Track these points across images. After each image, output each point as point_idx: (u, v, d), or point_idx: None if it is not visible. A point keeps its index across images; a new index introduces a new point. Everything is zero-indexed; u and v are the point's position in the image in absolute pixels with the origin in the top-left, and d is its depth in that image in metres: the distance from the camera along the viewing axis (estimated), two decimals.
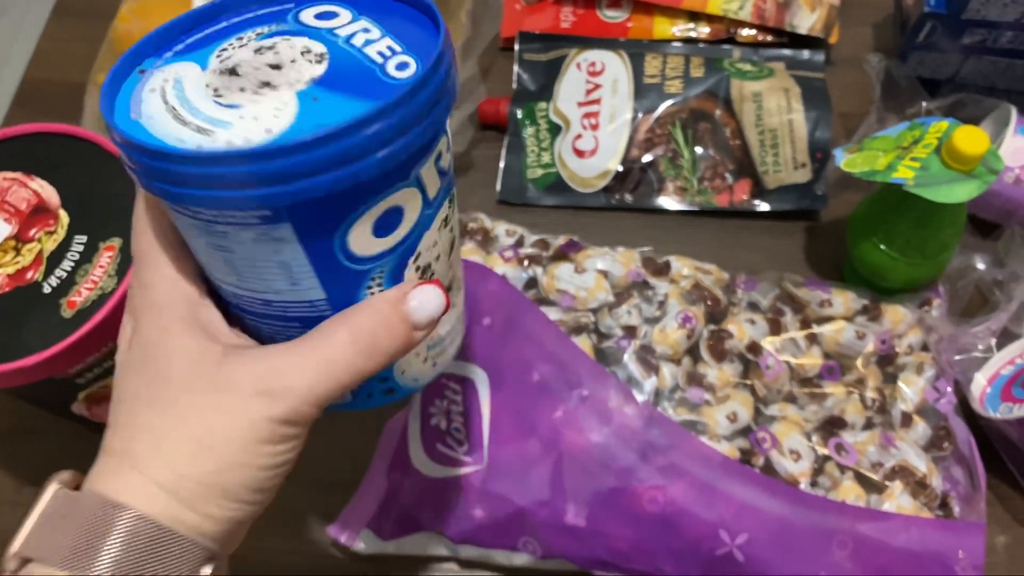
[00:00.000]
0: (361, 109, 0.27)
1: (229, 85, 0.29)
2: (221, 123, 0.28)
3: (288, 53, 0.30)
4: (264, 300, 0.31)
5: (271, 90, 0.29)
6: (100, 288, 0.43)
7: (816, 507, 0.46)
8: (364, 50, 0.30)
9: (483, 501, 0.47)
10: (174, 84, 0.29)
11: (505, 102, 0.66)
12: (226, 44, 0.31)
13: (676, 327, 0.49)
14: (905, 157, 0.49)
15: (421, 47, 0.30)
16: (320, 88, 0.29)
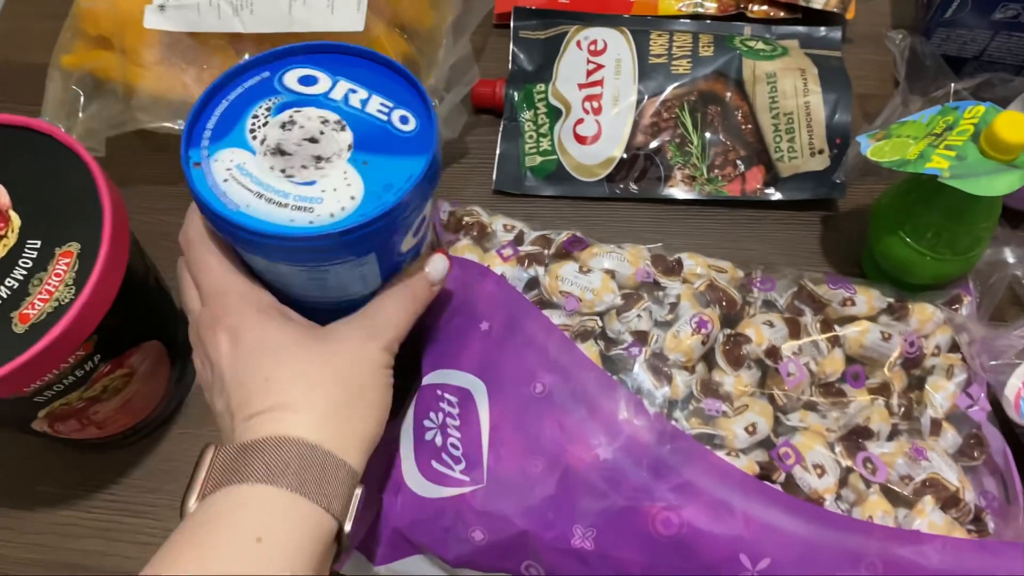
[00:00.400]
0: (405, 164, 0.38)
1: (291, 164, 0.37)
2: (313, 199, 0.37)
3: (313, 126, 0.38)
4: (337, 300, 0.42)
5: (326, 163, 0.38)
6: (56, 299, 0.39)
7: (843, 527, 0.42)
8: (366, 110, 0.39)
9: (483, 522, 0.44)
10: (241, 171, 0.37)
11: (500, 84, 0.61)
12: (249, 125, 0.38)
13: (690, 332, 0.46)
14: (939, 145, 0.45)
15: (403, 98, 0.40)
16: (360, 153, 0.38)
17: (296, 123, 0.39)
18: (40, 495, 0.51)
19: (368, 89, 0.40)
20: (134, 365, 0.45)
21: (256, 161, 0.37)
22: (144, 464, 0.52)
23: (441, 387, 0.47)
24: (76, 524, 0.50)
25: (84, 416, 0.45)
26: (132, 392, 0.46)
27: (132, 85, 0.57)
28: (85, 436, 0.47)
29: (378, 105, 0.39)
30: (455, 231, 0.53)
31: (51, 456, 0.52)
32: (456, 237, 0.52)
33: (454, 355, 0.47)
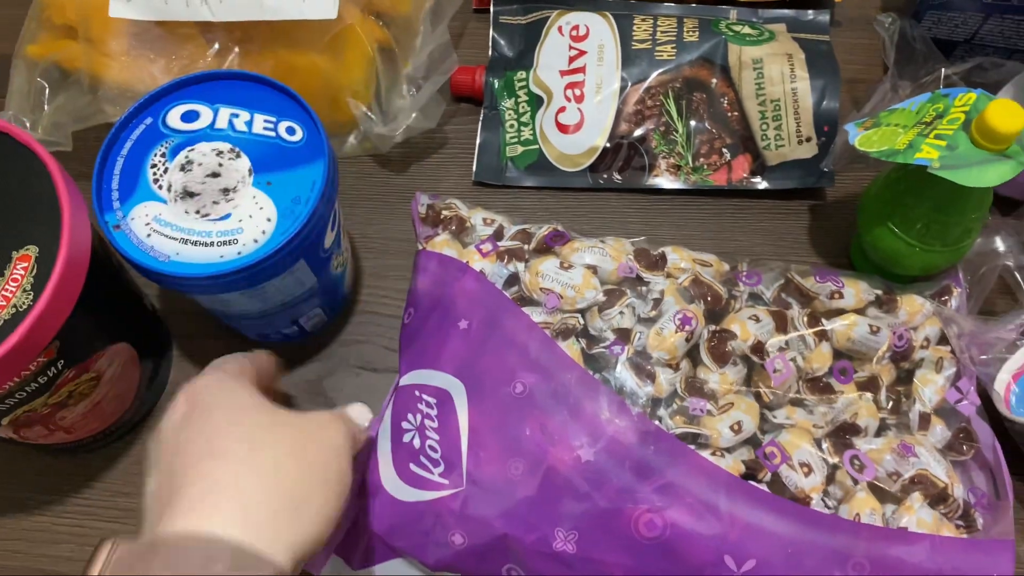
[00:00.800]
0: (304, 173, 0.42)
1: (202, 203, 0.40)
2: (234, 231, 0.40)
3: (211, 160, 0.42)
4: (281, 304, 0.46)
5: (234, 193, 0.41)
6: (13, 306, 0.37)
7: (829, 528, 0.42)
8: (253, 131, 0.43)
9: (463, 526, 0.43)
10: (160, 223, 0.40)
11: (480, 71, 0.60)
12: (151, 175, 0.41)
13: (674, 330, 0.44)
14: (928, 134, 0.44)
15: (284, 110, 0.43)
16: (261, 174, 0.41)
17: (194, 162, 0.42)
18: (11, 500, 0.50)
19: (248, 110, 0.43)
20: (101, 369, 0.44)
21: (170, 209, 0.41)
22: (116, 468, 0.50)
23: (419, 388, 0.46)
24: (48, 529, 0.49)
25: (51, 422, 0.44)
26: (100, 396, 0.45)
27: (99, 76, 0.55)
28: (54, 441, 0.46)
29: (263, 123, 0.43)
30: (433, 225, 0.51)
31: (21, 461, 0.51)
32: (434, 231, 0.51)
33: (432, 355, 0.46)
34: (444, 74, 0.55)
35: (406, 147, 0.59)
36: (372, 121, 0.55)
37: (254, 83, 0.44)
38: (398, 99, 0.56)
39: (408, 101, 0.55)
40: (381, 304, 0.55)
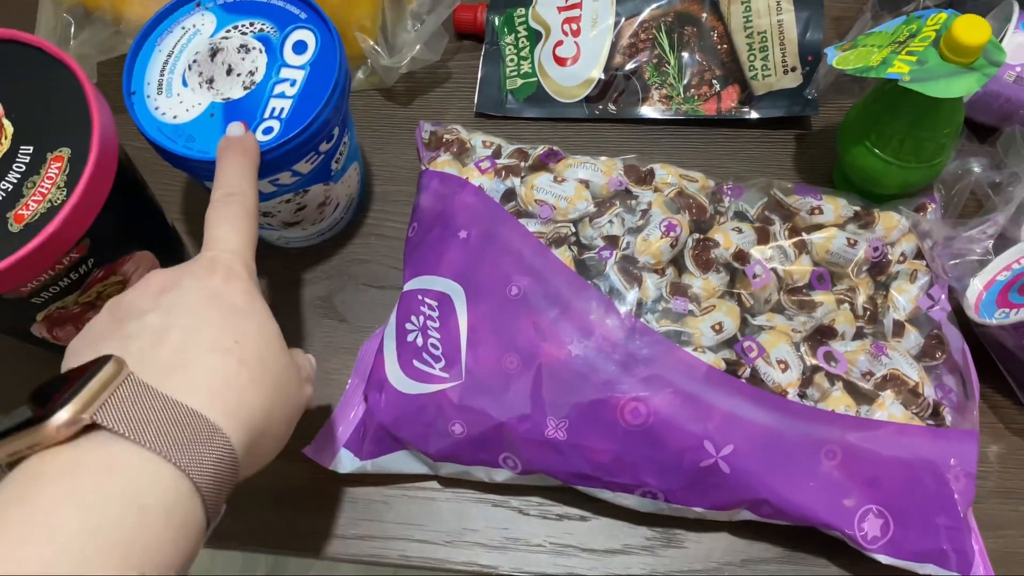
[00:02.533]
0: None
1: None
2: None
3: (235, 57, 0.47)
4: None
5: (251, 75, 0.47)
6: (49, 200, 0.40)
7: (804, 417, 0.45)
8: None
9: (462, 416, 0.46)
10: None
11: (482, 9, 0.63)
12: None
13: (659, 236, 0.47)
14: (901, 52, 0.47)
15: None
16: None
17: (220, 51, 0.47)
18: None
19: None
20: (127, 273, 0.47)
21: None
22: None
23: (422, 292, 0.49)
24: None
25: (80, 322, 0.47)
26: None
27: (120, 12, 0.58)
28: None
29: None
30: (436, 149, 0.54)
31: (55, 369, 0.54)
32: (437, 154, 0.54)
33: (433, 262, 0.49)
34: (447, 8, 0.58)
35: (411, 81, 0.62)
36: (378, 54, 0.58)
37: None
38: (403, 33, 0.58)
39: (412, 35, 0.58)
40: (386, 227, 0.58)
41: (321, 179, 0.49)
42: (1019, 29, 0.53)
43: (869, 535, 0.44)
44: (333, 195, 0.52)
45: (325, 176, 0.49)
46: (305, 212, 0.51)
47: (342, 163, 0.50)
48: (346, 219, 0.57)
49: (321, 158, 0.47)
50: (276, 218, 0.51)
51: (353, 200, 0.56)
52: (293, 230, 0.53)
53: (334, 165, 0.49)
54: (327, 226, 0.55)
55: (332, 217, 0.54)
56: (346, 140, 0.50)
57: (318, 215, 0.53)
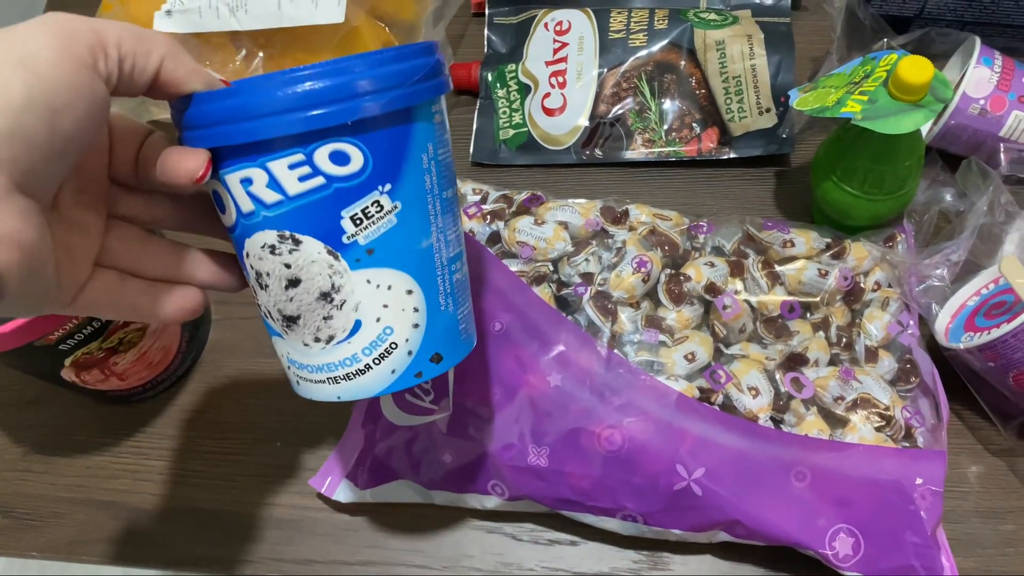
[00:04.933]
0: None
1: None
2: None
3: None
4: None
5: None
6: None
7: (773, 440, 0.47)
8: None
9: (451, 446, 0.49)
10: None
11: (475, 66, 0.67)
12: None
13: (631, 272, 0.50)
14: (855, 92, 0.49)
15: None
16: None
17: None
18: (76, 443, 0.58)
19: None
20: None
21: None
22: (164, 414, 0.58)
23: None
24: (107, 467, 0.57)
25: (106, 366, 0.52)
26: (147, 346, 0.53)
27: None
28: (110, 387, 0.54)
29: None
30: None
31: (84, 410, 0.59)
32: None
33: None
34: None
35: None
36: None
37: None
38: None
39: None
40: None
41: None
42: (980, 64, 0.55)
43: (840, 554, 0.45)
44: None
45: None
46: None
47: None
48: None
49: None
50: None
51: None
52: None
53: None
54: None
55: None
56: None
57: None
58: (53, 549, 0.54)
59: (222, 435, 0.57)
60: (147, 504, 0.55)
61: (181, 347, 0.57)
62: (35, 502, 0.56)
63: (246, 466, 0.56)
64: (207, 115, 0.31)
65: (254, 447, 0.56)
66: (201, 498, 0.55)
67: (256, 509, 0.54)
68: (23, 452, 0.58)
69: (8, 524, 0.55)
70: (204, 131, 0.31)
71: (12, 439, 0.59)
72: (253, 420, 0.57)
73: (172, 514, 0.55)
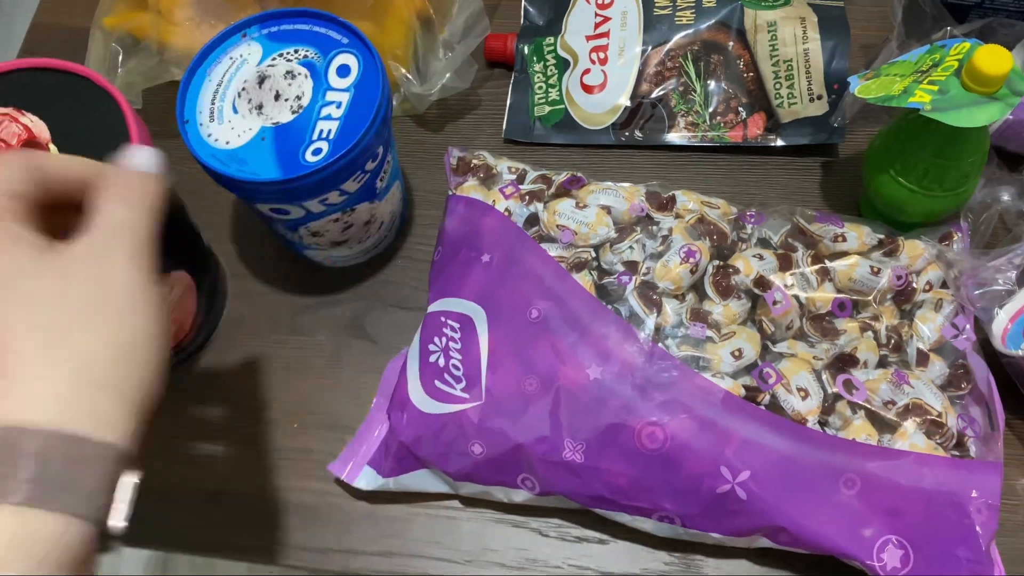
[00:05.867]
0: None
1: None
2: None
3: (282, 83, 0.49)
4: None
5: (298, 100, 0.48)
6: None
7: (822, 444, 0.45)
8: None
9: (482, 437, 0.47)
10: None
11: (511, 38, 0.64)
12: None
13: (679, 262, 0.48)
14: (923, 81, 0.47)
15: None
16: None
17: (268, 78, 0.48)
18: None
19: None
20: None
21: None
22: (175, 391, 0.54)
23: (444, 314, 0.50)
24: None
25: None
26: None
27: (165, 42, 0.61)
28: None
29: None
30: (463, 174, 0.56)
31: None
32: (464, 179, 0.55)
33: (457, 285, 0.50)
34: (477, 37, 0.59)
35: (442, 108, 0.63)
36: (410, 82, 0.59)
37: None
38: (434, 61, 0.60)
39: (443, 63, 0.60)
40: (415, 250, 0.59)
41: (367, 198, 0.51)
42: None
43: (888, 566, 0.43)
44: (378, 213, 0.53)
45: (371, 195, 0.51)
46: (352, 231, 0.53)
47: (386, 181, 0.52)
48: (390, 237, 0.58)
49: (367, 177, 0.48)
50: (324, 238, 0.52)
51: (396, 218, 0.58)
52: (340, 249, 0.55)
53: (379, 184, 0.51)
54: (372, 244, 0.56)
55: (377, 236, 0.56)
56: (389, 159, 0.51)
57: (364, 233, 0.54)
58: None
59: (235, 414, 0.55)
60: (154, 483, 0.53)
61: (197, 319, 0.54)
62: None
63: (260, 447, 0.53)
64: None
65: (269, 428, 0.54)
66: (211, 479, 0.53)
67: (270, 493, 0.52)
68: None
69: None
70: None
71: None
72: (268, 399, 0.55)
73: (180, 495, 0.52)
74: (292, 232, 0.52)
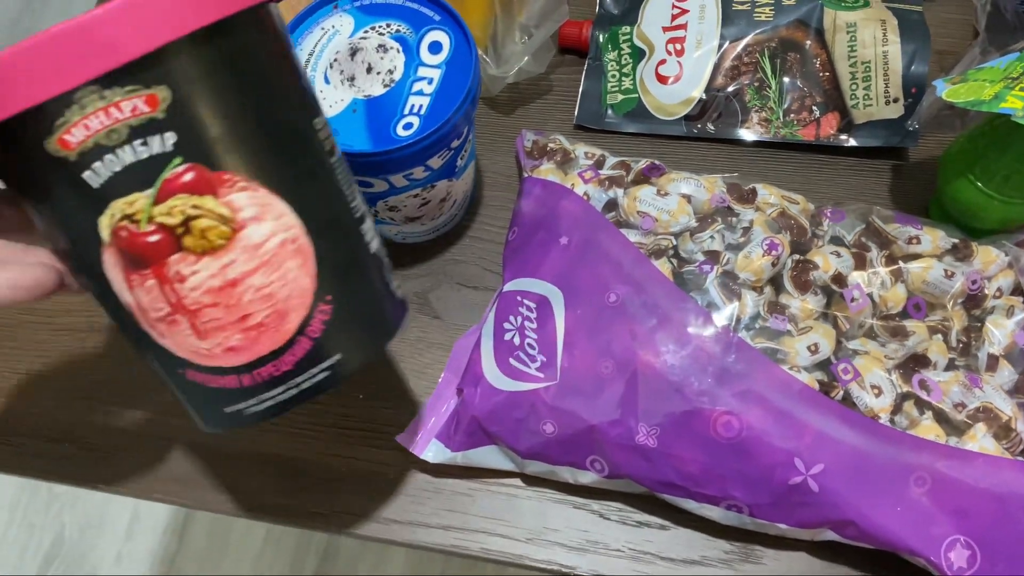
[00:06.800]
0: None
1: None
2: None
3: (373, 56, 0.49)
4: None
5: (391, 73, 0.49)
6: None
7: (895, 441, 0.45)
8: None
9: (554, 416, 0.47)
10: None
11: (587, 25, 0.64)
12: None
13: (761, 254, 0.48)
14: (1014, 87, 0.47)
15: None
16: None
17: (360, 50, 0.49)
18: (148, 377, 0.56)
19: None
20: (236, 208, 0.46)
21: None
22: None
23: (521, 293, 0.50)
24: (179, 406, 0.55)
25: (162, 265, 0.47)
26: None
27: None
28: None
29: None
30: (538, 157, 0.56)
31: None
32: (539, 162, 0.56)
33: (534, 265, 0.51)
34: (556, 22, 0.60)
35: (513, 92, 0.64)
36: (487, 63, 0.60)
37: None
38: (511, 44, 0.60)
39: (521, 47, 0.60)
40: (483, 230, 0.60)
41: (447, 175, 0.51)
42: None
43: (955, 565, 0.44)
44: (454, 191, 0.54)
45: (450, 172, 0.51)
46: (428, 207, 0.53)
47: (466, 160, 0.52)
48: (459, 216, 0.59)
49: (451, 154, 0.49)
50: (400, 212, 0.53)
51: (468, 196, 0.58)
52: (413, 225, 0.55)
53: (459, 162, 0.51)
54: (443, 222, 0.57)
55: (450, 213, 0.56)
56: (471, 138, 0.51)
57: (438, 211, 0.54)
58: (121, 482, 0.53)
59: None
60: (220, 446, 0.54)
61: None
62: (104, 434, 0.54)
63: (325, 416, 0.54)
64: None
65: (335, 398, 0.54)
66: (278, 446, 0.53)
67: (334, 461, 0.53)
68: (92, 382, 0.56)
69: (74, 453, 0.54)
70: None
71: (80, 367, 0.56)
72: None
73: (246, 460, 0.53)
74: (370, 206, 0.52)
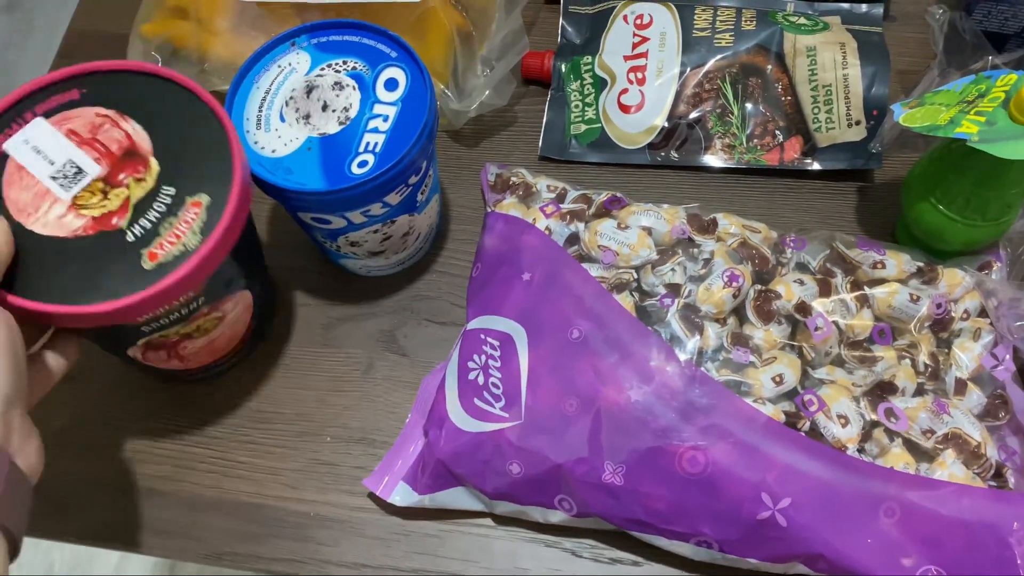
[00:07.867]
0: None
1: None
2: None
3: (329, 94, 0.49)
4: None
5: (346, 112, 0.49)
6: (183, 244, 0.42)
7: (863, 473, 0.45)
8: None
9: (520, 457, 0.47)
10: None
11: (549, 56, 0.64)
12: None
13: (722, 286, 0.48)
14: (969, 111, 0.47)
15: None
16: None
17: (316, 88, 0.49)
18: (115, 426, 0.55)
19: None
20: (227, 311, 0.49)
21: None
22: (211, 399, 0.55)
23: (484, 331, 0.50)
24: (147, 452, 0.54)
25: (174, 349, 0.49)
26: (218, 334, 0.50)
27: (205, 51, 0.61)
28: (168, 366, 0.51)
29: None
30: (501, 191, 0.56)
31: (125, 390, 0.56)
32: (502, 196, 0.55)
33: (497, 303, 0.50)
34: (516, 55, 0.59)
35: (478, 124, 0.64)
36: (448, 98, 0.60)
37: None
38: (473, 78, 0.60)
39: (482, 80, 0.60)
40: (449, 264, 0.59)
41: (407, 210, 0.51)
42: None
43: None
44: (416, 225, 0.53)
45: (411, 207, 0.51)
46: (390, 242, 0.53)
47: (427, 194, 0.52)
48: (425, 249, 0.59)
49: (409, 190, 0.49)
50: (362, 248, 0.52)
51: (433, 230, 0.58)
52: (376, 259, 0.55)
53: (420, 197, 0.51)
54: (407, 256, 0.57)
55: (415, 246, 0.56)
56: (431, 173, 0.51)
57: (401, 245, 0.54)
58: (85, 535, 0.52)
59: (269, 425, 0.55)
60: (187, 493, 0.53)
61: (245, 337, 0.54)
62: (71, 484, 0.53)
63: (293, 460, 0.53)
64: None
65: (302, 440, 0.54)
66: (244, 491, 0.53)
67: (302, 506, 0.52)
68: (59, 429, 0.55)
69: (39, 506, 0.53)
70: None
71: (48, 415, 0.56)
72: (303, 412, 0.55)
73: (213, 507, 0.52)
74: (331, 241, 0.52)
